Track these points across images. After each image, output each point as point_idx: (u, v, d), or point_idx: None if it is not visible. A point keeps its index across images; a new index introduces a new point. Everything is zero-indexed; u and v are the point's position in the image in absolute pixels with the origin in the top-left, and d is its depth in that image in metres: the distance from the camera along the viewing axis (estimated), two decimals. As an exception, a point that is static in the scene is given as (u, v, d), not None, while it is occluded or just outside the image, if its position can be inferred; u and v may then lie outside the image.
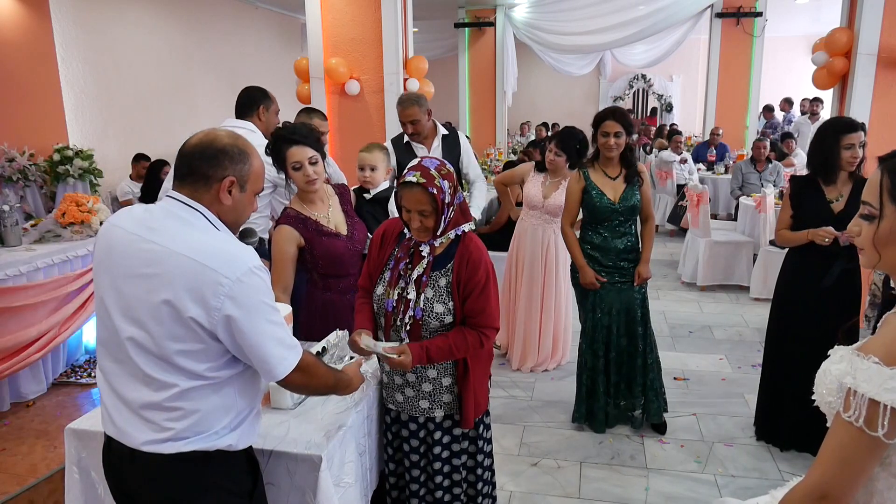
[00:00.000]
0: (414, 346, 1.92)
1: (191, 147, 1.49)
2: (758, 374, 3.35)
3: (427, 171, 1.92)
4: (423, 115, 3.66)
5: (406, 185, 1.93)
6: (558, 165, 3.92)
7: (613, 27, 8.44)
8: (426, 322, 1.98)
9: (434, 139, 3.79)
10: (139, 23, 6.70)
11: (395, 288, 2.03)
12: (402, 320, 2.00)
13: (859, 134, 2.85)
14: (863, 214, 1.18)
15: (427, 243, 2.01)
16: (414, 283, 2.00)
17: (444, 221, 1.97)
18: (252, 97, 3.31)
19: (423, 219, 1.94)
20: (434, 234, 1.98)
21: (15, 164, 4.87)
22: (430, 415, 2.11)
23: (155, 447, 1.44)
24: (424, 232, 1.97)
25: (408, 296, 2.00)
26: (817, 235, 2.86)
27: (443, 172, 1.95)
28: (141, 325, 1.41)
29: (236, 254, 1.43)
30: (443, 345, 1.95)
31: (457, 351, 1.98)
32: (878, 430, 1.03)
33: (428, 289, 1.99)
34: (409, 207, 1.94)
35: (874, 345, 1.09)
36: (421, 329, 1.99)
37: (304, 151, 2.42)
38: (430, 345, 1.94)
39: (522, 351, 4.18)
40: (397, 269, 2.04)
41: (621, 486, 2.95)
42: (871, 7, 4.12)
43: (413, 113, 3.63)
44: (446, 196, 1.94)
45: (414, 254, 2.05)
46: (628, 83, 14.74)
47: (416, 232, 1.99)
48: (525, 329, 4.14)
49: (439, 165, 1.97)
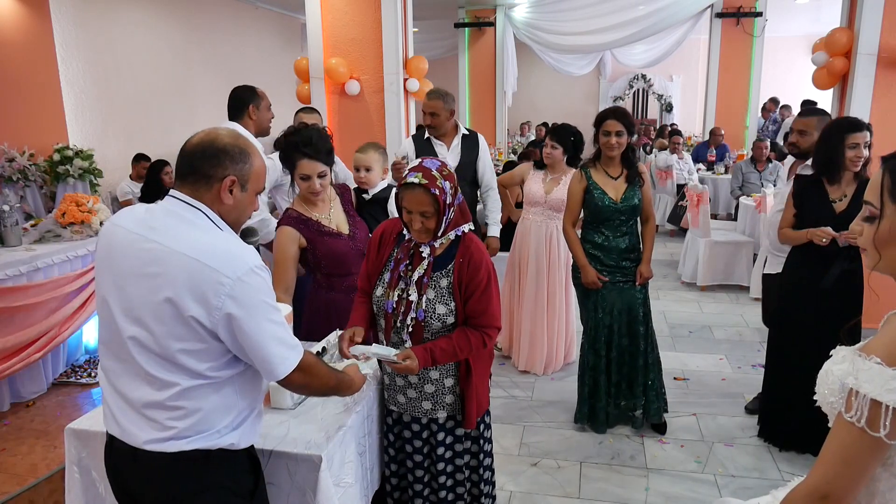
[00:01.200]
0: (418, 350, 1.92)
1: (192, 146, 1.49)
2: (758, 374, 3.35)
3: (429, 171, 1.91)
4: (444, 112, 3.74)
5: (407, 187, 1.92)
6: (556, 159, 3.95)
7: (613, 27, 8.43)
8: (428, 323, 1.98)
9: (454, 138, 3.86)
10: (139, 23, 6.70)
11: (395, 289, 2.02)
12: (403, 322, 2.00)
13: (864, 134, 2.84)
14: (864, 215, 1.18)
15: (427, 244, 2.00)
16: (415, 284, 1.99)
17: (445, 223, 1.96)
18: (241, 98, 3.39)
19: (425, 220, 1.93)
20: (434, 236, 1.98)
21: (15, 164, 4.87)
22: (433, 416, 2.11)
23: (157, 446, 1.44)
24: (425, 233, 1.97)
25: (409, 297, 1.99)
26: (815, 235, 2.86)
27: (444, 173, 1.94)
28: (143, 325, 1.41)
29: (237, 253, 1.43)
30: (447, 346, 1.95)
31: (460, 352, 1.98)
32: (880, 431, 1.03)
33: (429, 290, 1.99)
34: (411, 209, 1.93)
35: (876, 345, 1.09)
36: (423, 330, 1.99)
37: (314, 166, 2.43)
38: (433, 347, 1.94)
39: (529, 351, 4.15)
40: (397, 270, 2.04)
41: (621, 486, 2.95)
42: (871, 7, 4.12)
43: (435, 106, 3.73)
44: (448, 197, 1.93)
45: (414, 255, 2.04)
46: (628, 83, 14.72)
47: (416, 233, 1.98)
48: (531, 329, 4.12)
49: (441, 167, 1.96)
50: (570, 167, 3.97)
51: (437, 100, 3.74)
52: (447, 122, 3.80)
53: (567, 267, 3.97)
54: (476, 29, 10.00)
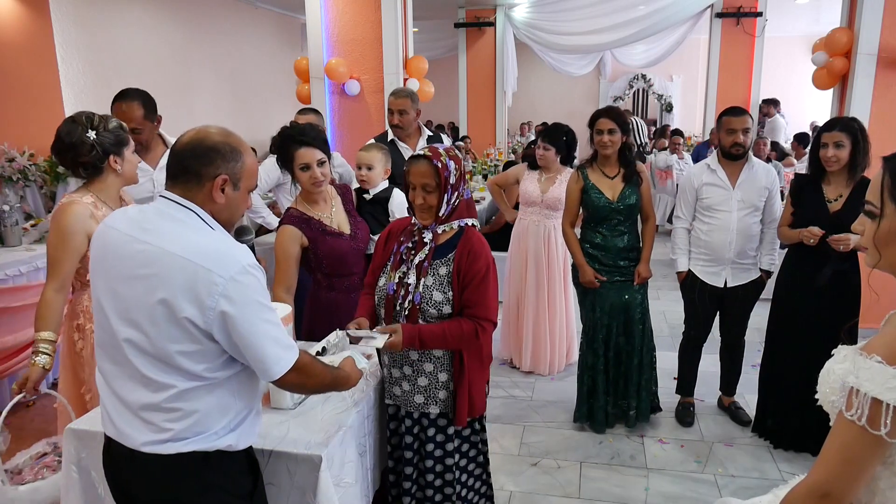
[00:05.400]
0: (406, 326, 1.95)
1: (182, 146, 1.48)
2: (757, 375, 3.35)
3: (435, 149, 2.00)
4: (412, 111, 3.65)
5: (413, 159, 2.01)
6: (549, 159, 3.95)
7: (613, 27, 8.44)
8: (424, 309, 2.00)
9: (419, 140, 3.78)
10: (139, 23, 6.70)
11: (397, 272, 2.06)
12: (401, 305, 2.02)
13: (834, 133, 2.86)
14: (865, 213, 1.19)
15: (429, 229, 2.03)
16: (415, 268, 2.03)
17: (448, 203, 2.00)
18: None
19: (427, 195, 1.98)
20: (437, 217, 2.01)
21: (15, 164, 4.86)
22: (425, 410, 2.12)
23: (155, 448, 1.44)
24: (428, 211, 2.00)
25: (408, 280, 2.02)
26: (804, 236, 2.88)
27: (451, 154, 2.01)
28: (137, 327, 1.41)
29: (230, 252, 1.42)
30: (436, 329, 1.97)
31: (450, 337, 1.98)
32: (881, 430, 1.03)
33: (428, 276, 2.02)
34: (415, 182, 1.99)
35: (877, 344, 1.09)
36: (419, 316, 2.01)
37: (312, 153, 2.44)
38: (422, 328, 1.96)
39: (534, 352, 4.13)
40: (399, 252, 2.08)
41: (621, 486, 2.95)
42: (871, 7, 4.12)
43: (403, 104, 3.61)
44: (451, 176, 1.98)
45: (418, 240, 2.08)
46: (628, 83, 14.73)
47: (419, 210, 2.02)
48: (535, 330, 4.11)
49: (449, 148, 2.04)
50: (564, 166, 3.97)
51: (405, 98, 3.62)
52: (413, 122, 3.71)
53: (566, 265, 3.98)
54: (476, 29, 9.99)
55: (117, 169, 2.31)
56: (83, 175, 2.30)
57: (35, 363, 2.13)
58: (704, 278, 3.29)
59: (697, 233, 3.30)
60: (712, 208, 3.21)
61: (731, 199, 3.17)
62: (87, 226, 2.19)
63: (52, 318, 2.18)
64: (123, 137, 2.33)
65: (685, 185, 3.33)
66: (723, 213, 3.18)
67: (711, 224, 3.22)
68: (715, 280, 3.27)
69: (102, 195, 2.30)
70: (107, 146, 2.26)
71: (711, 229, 3.22)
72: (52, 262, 2.21)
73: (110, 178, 2.32)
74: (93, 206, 2.24)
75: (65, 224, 2.19)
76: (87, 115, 2.28)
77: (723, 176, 3.19)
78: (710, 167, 3.24)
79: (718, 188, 3.20)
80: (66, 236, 2.18)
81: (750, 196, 3.17)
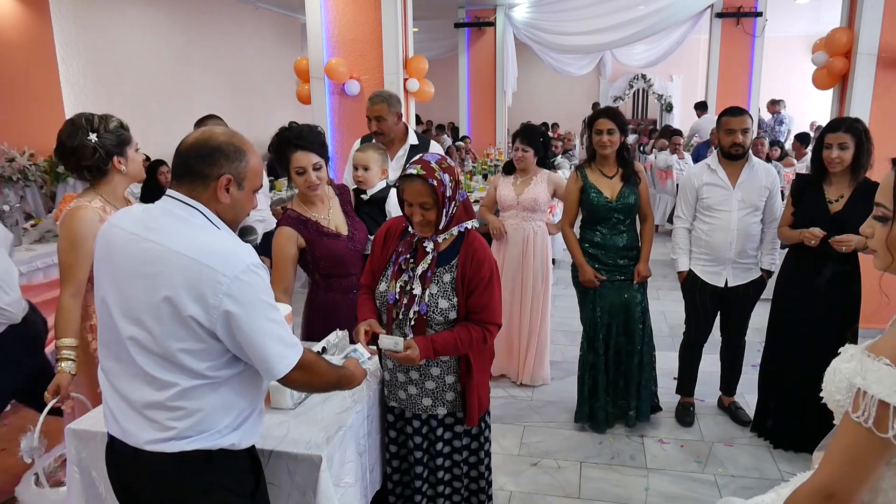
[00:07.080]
0: (420, 340, 1.95)
1: (187, 146, 1.48)
2: (757, 375, 3.35)
3: (427, 164, 1.96)
4: (391, 116, 3.39)
5: (406, 178, 1.96)
6: (527, 161, 3.86)
7: (613, 27, 8.44)
8: (431, 317, 2.00)
9: (401, 146, 3.51)
10: (139, 23, 6.70)
11: (397, 281, 2.05)
12: (406, 315, 2.01)
13: (837, 135, 2.85)
14: (876, 216, 1.17)
15: (430, 239, 2.03)
16: (419, 278, 2.01)
17: (446, 215, 1.99)
18: None
19: (425, 212, 1.96)
20: (436, 229, 2.00)
21: (15, 164, 4.87)
22: (433, 412, 2.12)
23: (158, 446, 1.44)
24: (427, 226, 1.99)
25: (413, 290, 2.01)
26: (804, 236, 2.88)
27: (443, 166, 1.98)
28: (141, 325, 1.41)
29: (234, 252, 1.42)
30: (448, 338, 1.98)
31: (461, 345, 1.99)
32: (888, 432, 1.03)
33: (433, 284, 2.01)
34: (411, 201, 1.97)
35: (885, 345, 1.08)
36: (425, 325, 2.01)
37: (308, 157, 2.43)
38: (435, 338, 1.97)
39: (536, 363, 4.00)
40: (397, 262, 2.07)
41: (621, 486, 2.95)
42: (871, 7, 4.12)
43: (380, 110, 3.37)
44: (447, 189, 1.96)
45: (417, 250, 2.07)
46: (628, 83, 14.74)
47: (418, 226, 2.00)
48: (528, 338, 3.98)
49: (440, 159, 2.00)
50: (540, 168, 3.93)
51: (381, 103, 3.37)
52: (395, 126, 3.44)
53: (547, 272, 3.94)
54: (476, 29, 9.99)
55: (122, 169, 2.29)
56: (88, 178, 2.29)
57: (62, 369, 2.14)
58: (705, 278, 3.29)
59: (698, 233, 3.30)
60: (713, 208, 3.21)
61: (731, 199, 3.17)
62: (97, 230, 2.18)
63: (72, 324, 2.19)
64: (125, 136, 2.32)
65: (685, 185, 3.33)
66: (723, 213, 3.18)
67: (712, 224, 3.22)
68: (715, 280, 3.27)
69: (110, 197, 2.29)
70: (109, 148, 2.25)
71: (712, 229, 3.22)
72: (66, 268, 2.20)
73: (116, 178, 2.30)
74: (101, 210, 2.22)
75: (75, 230, 2.17)
76: (86, 118, 2.25)
77: (723, 176, 3.19)
78: (710, 167, 3.25)
79: (719, 188, 3.20)
80: (78, 242, 2.17)
81: (750, 196, 3.17)
